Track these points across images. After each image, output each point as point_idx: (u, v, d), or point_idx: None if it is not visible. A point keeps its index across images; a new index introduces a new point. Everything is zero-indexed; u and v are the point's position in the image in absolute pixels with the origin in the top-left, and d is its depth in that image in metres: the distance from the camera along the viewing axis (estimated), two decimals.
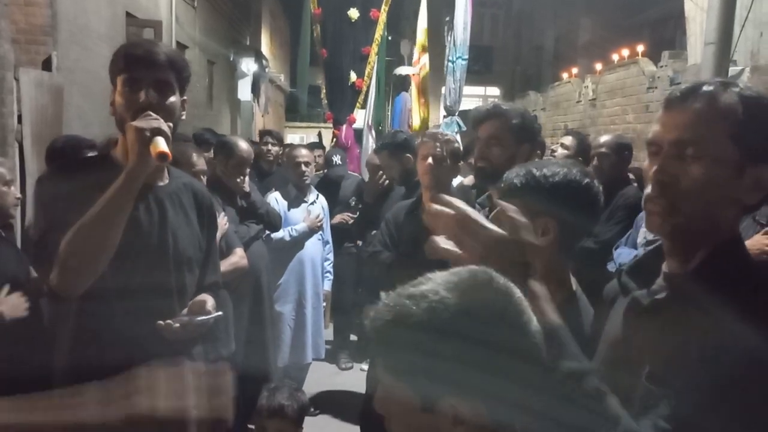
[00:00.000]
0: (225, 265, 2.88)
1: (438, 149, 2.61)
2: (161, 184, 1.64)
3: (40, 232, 1.53)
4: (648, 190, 1.06)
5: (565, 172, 1.45)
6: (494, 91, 20.25)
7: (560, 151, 3.84)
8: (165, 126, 1.45)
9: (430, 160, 2.61)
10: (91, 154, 2.73)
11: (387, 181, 3.91)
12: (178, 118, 1.60)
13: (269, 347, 3.54)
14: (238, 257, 2.98)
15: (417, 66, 6.88)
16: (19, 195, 2.52)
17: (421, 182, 2.74)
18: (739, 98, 1.01)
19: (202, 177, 2.73)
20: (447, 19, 6.99)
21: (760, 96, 1.03)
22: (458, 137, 6.01)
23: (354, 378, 4.51)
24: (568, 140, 3.88)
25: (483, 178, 2.24)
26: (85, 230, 1.40)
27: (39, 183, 1.71)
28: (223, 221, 2.90)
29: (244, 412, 2.71)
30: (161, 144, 1.41)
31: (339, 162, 4.80)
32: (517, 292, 0.81)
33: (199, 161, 2.78)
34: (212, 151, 3.55)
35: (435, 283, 0.79)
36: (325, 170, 5.04)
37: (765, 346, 0.89)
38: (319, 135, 7.92)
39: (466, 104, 7.98)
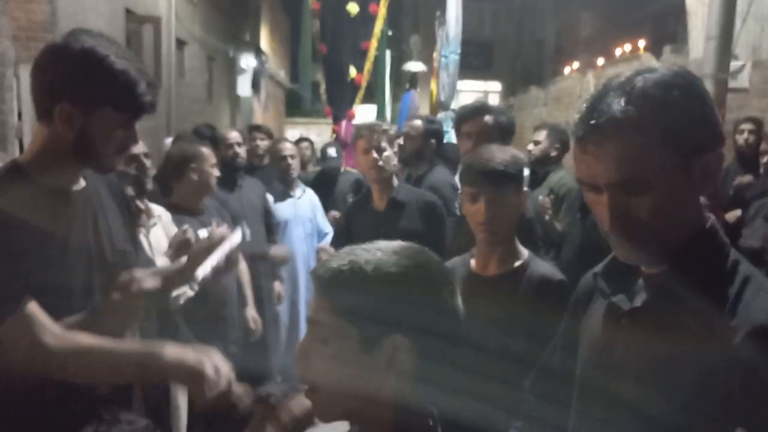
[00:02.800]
0: None
1: (377, 141, 2.61)
2: (80, 187, 1.47)
3: None
4: (605, 227, 0.97)
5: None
6: (495, 86, 20.22)
7: (534, 148, 3.86)
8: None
9: (373, 153, 2.61)
10: None
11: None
12: None
13: (270, 348, 3.54)
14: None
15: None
16: None
17: (367, 177, 2.75)
18: (647, 100, 0.90)
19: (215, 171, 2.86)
20: (438, 14, 6.98)
21: (662, 84, 0.91)
22: (453, 133, 6.00)
23: None
24: (540, 135, 3.87)
25: None
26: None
27: None
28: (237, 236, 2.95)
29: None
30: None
31: (334, 155, 4.78)
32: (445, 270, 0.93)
33: (212, 157, 2.88)
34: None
35: (387, 244, 0.91)
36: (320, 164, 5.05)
37: (752, 343, 0.86)
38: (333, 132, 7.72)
39: (467, 100, 7.98)
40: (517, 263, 1.78)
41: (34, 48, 4.84)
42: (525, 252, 1.81)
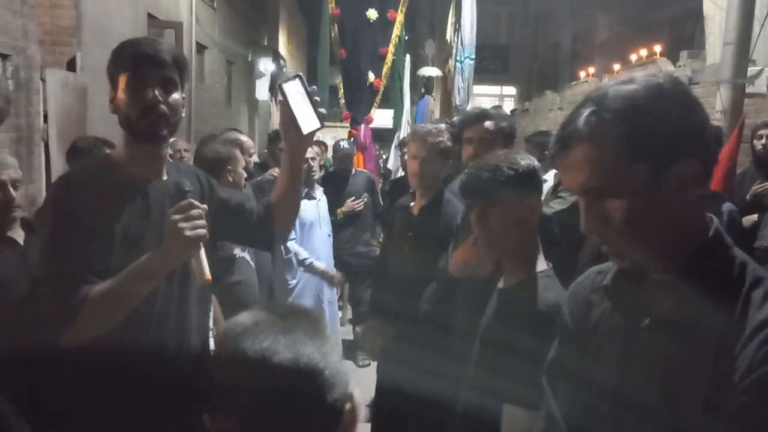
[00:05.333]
0: None
1: (425, 149, 2.59)
2: (161, 180, 1.61)
3: (49, 257, 1.47)
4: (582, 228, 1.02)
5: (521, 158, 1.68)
6: (510, 90, 20.20)
7: None
8: (205, 229, 1.44)
9: (417, 159, 2.59)
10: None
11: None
12: (180, 116, 1.61)
13: None
14: None
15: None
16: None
17: (410, 182, 2.75)
18: (614, 114, 0.93)
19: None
20: (453, 19, 7.04)
21: (629, 95, 0.93)
22: None
23: (371, 375, 4.55)
24: None
25: None
26: (102, 302, 1.40)
27: (46, 199, 1.65)
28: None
29: None
30: (206, 267, 1.42)
31: (346, 145, 4.84)
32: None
33: (242, 160, 3.00)
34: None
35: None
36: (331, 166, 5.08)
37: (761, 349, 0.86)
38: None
39: (482, 104, 8.02)
40: (520, 279, 1.65)
41: (60, 52, 4.96)
42: (540, 266, 1.66)
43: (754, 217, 3.63)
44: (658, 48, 8.29)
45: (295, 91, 1.60)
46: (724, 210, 2.99)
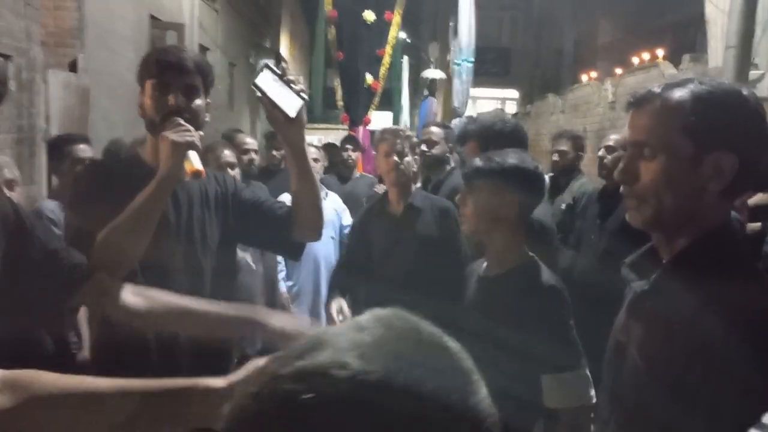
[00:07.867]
0: None
1: (399, 145, 2.65)
2: (185, 180, 1.68)
3: (75, 231, 1.58)
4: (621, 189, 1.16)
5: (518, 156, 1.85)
6: (512, 93, 20.19)
7: (560, 158, 3.94)
8: (198, 139, 1.53)
9: (394, 157, 2.65)
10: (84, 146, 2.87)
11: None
12: (203, 120, 1.66)
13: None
14: None
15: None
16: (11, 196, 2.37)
17: (386, 180, 2.79)
18: (690, 94, 1.06)
19: (228, 169, 2.88)
20: (451, 24, 7.07)
21: (712, 89, 1.07)
22: None
23: None
24: (565, 145, 3.96)
25: None
26: (117, 233, 1.46)
27: (72, 183, 1.79)
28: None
29: None
30: (195, 162, 1.49)
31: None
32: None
33: (228, 154, 2.96)
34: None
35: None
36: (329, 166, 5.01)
37: (742, 339, 0.94)
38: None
39: (485, 107, 8.02)
40: (512, 266, 1.81)
41: (62, 54, 4.97)
42: (526, 255, 1.83)
43: (758, 225, 3.62)
44: (660, 52, 8.30)
45: (269, 81, 1.59)
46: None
